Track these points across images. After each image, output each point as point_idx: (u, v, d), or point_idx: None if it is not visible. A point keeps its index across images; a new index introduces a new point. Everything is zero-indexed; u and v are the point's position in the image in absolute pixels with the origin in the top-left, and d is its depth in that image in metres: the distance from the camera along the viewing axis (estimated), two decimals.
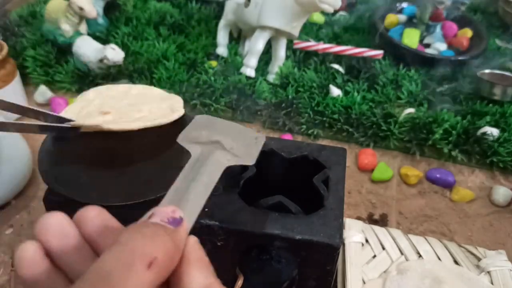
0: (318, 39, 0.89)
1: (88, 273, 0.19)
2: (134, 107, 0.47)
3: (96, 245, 0.23)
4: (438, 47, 0.86)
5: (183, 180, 0.25)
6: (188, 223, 0.22)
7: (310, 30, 0.92)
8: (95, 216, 0.24)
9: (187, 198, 0.23)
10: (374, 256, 0.46)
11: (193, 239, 0.22)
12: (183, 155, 0.31)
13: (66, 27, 0.77)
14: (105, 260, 0.19)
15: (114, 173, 0.40)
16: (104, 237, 0.23)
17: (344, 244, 0.46)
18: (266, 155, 0.46)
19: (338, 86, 0.76)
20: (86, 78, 0.75)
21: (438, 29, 0.88)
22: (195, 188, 0.24)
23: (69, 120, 0.43)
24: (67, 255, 0.22)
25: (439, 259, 0.46)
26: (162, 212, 0.22)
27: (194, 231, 0.21)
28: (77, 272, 0.22)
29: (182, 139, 0.34)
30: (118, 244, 0.20)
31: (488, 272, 0.45)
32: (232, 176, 0.43)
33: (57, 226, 0.22)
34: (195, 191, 0.24)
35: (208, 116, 0.38)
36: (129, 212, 0.40)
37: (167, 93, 0.50)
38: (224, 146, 0.33)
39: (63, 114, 0.44)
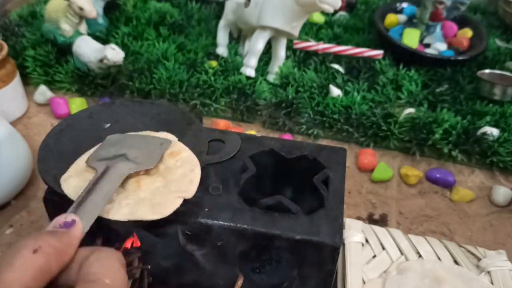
0: (318, 39, 0.89)
1: None
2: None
3: None
4: (438, 47, 0.86)
5: (85, 193, 0.32)
6: (85, 224, 0.28)
7: (310, 30, 0.92)
8: None
9: (85, 206, 0.30)
10: (374, 256, 0.46)
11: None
12: None
13: (66, 27, 0.77)
14: None
15: None
16: None
17: (344, 244, 0.46)
18: (266, 155, 0.46)
19: (338, 86, 0.76)
20: (86, 78, 0.75)
21: (438, 29, 0.88)
22: (94, 198, 0.31)
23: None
24: None
25: (439, 259, 0.46)
26: (55, 221, 0.27)
27: (194, 231, 0.21)
28: None
29: (90, 159, 0.39)
30: (8, 247, 0.24)
31: (488, 272, 0.45)
32: (232, 176, 0.43)
33: None
34: (93, 200, 0.31)
35: (120, 134, 0.42)
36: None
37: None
38: (128, 157, 0.38)
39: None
